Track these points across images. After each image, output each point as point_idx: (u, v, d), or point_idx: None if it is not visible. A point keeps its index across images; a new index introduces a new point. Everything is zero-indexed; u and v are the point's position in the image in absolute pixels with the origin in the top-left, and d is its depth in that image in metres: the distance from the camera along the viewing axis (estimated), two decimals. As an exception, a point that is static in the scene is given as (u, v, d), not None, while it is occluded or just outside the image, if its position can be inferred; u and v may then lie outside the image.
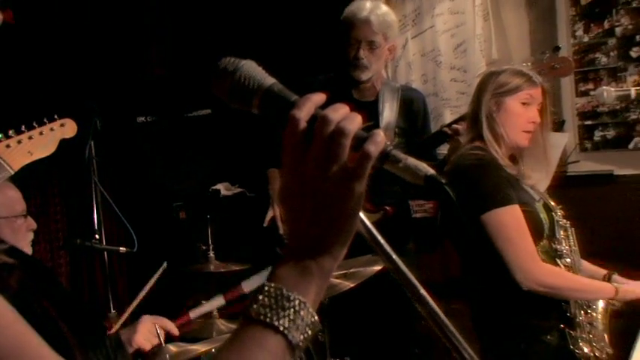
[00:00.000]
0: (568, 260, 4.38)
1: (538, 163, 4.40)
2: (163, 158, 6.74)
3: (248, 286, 4.47)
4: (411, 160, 1.48)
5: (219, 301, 4.52)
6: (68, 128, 3.85)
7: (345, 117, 1.45)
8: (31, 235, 3.80)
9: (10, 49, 4.53)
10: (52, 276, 4.26)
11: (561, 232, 4.40)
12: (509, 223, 4.13)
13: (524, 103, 4.27)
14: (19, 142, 3.59)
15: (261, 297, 1.44)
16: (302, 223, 1.50)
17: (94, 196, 5.09)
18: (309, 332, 1.45)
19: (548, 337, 4.22)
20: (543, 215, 4.33)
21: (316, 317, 1.46)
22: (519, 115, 4.27)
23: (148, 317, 3.93)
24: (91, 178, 5.24)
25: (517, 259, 4.08)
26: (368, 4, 5.47)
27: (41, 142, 3.68)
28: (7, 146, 3.53)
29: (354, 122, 1.45)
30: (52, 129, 3.74)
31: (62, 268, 6.24)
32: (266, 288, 1.45)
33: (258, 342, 1.41)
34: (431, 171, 1.47)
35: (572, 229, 4.48)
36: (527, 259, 4.10)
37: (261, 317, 1.41)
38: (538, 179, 4.42)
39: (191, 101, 6.49)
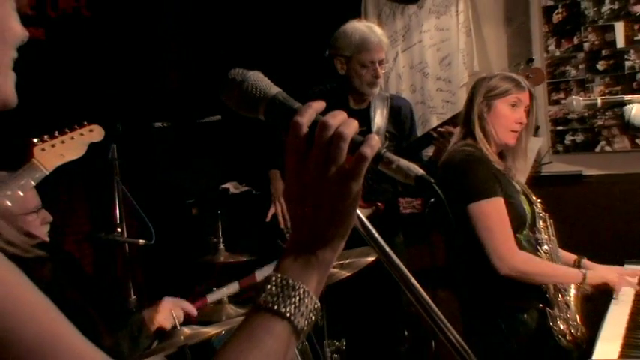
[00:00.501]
0: (547, 248, 4.53)
1: (519, 159, 4.50)
2: (177, 160, 6.76)
3: (261, 274, 4.52)
4: (403, 162, 1.49)
5: (234, 287, 4.57)
6: (96, 133, 3.89)
7: (343, 122, 1.47)
8: (46, 227, 3.86)
9: (44, 61, 4.52)
10: (79, 267, 4.30)
11: (541, 223, 4.54)
12: (491, 213, 4.22)
13: (512, 105, 4.36)
14: (53, 145, 3.65)
15: (268, 286, 1.45)
16: (304, 219, 1.51)
17: (115, 193, 5.10)
18: (312, 318, 1.46)
19: (525, 315, 4.30)
20: (526, 207, 4.46)
21: (318, 304, 1.48)
22: (507, 117, 4.37)
23: (169, 299, 3.98)
24: (113, 177, 5.27)
25: (495, 246, 4.17)
26: (366, 25, 5.54)
27: (72, 146, 3.73)
28: (42, 150, 3.59)
29: (351, 127, 1.46)
30: (82, 134, 3.79)
31: (88, 259, 6.26)
32: (273, 278, 1.46)
33: (266, 327, 1.42)
34: (421, 172, 1.48)
35: (551, 220, 4.56)
36: (505, 247, 4.19)
37: (269, 305, 1.42)
38: (519, 174, 4.51)
39: (203, 108, 6.49)
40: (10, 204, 3.42)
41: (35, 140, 3.65)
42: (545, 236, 4.54)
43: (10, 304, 1.21)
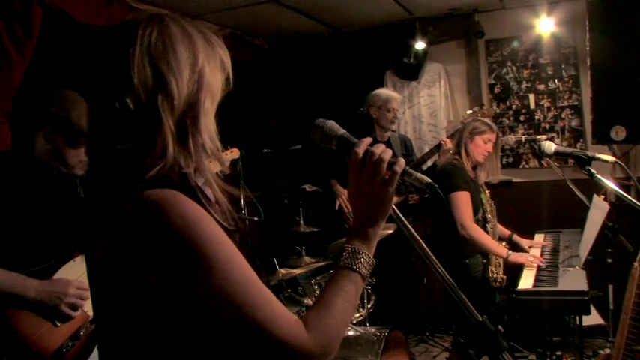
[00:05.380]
0: (492, 225, 4.67)
1: (487, 170, 4.68)
2: (276, 171, 6.81)
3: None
4: (419, 175, 1.56)
5: None
6: (235, 154, 3.98)
7: (383, 151, 1.52)
8: None
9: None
10: (246, 236, 4.44)
11: (488, 208, 4.63)
12: (462, 200, 4.38)
13: (485, 142, 4.49)
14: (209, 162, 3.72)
15: (345, 253, 1.50)
16: (361, 209, 1.55)
17: (241, 190, 5.18)
18: (371, 269, 1.51)
19: (467, 260, 4.44)
20: (483, 199, 4.61)
21: (374, 260, 1.53)
22: (481, 147, 4.53)
23: None
24: (239, 181, 5.34)
25: (460, 219, 4.35)
26: (386, 89, 5.93)
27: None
28: None
29: (388, 154, 1.52)
30: (226, 154, 3.85)
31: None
32: (347, 248, 1.50)
33: (346, 277, 1.46)
34: (430, 180, 1.55)
35: (495, 207, 4.65)
36: (466, 221, 4.34)
37: (347, 264, 1.48)
38: (484, 178, 4.71)
39: (290, 141, 6.56)
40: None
41: None
42: (490, 216, 4.64)
43: (226, 250, 1.30)
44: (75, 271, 2.68)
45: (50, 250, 2.65)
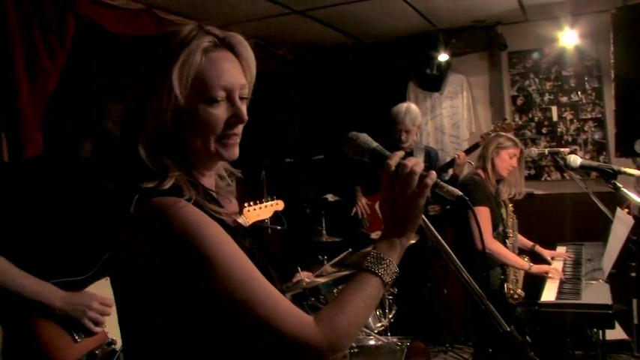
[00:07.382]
0: (512, 240, 4.68)
1: (511, 185, 4.69)
2: (298, 179, 6.82)
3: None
4: (450, 187, 1.57)
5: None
6: (280, 205, 4.08)
7: (414, 164, 1.54)
8: None
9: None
10: (263, 241, 4.44)
11: (510, 221, 4.62)
12: (481, 215, 4.37)
13: (510, 157, 4.53)
14: (254, 209, 3.84)
15: (369, 257, 1.51)
16: (392, 218, 1.56)
17: (264, 198, 5.19)
18: (394, 276, 1.52)
19: (485, 274, 4.38)
20: (504, 214, 4.61)
21: (397, 269, 1.53)
22: (506, 161, 4.58)
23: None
24: (263, 189, 5.37)
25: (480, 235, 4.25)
26: (405, 107, 5.70)
27: (264, 211, 3.93)
28: (248, 210, 3.82)
29: (420, 166, 1.53)
30: (271, 205, 3.99)
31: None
32: (372, 252, 1.52)
33: (367, 281, 1.47)
34: (460, 193, 1.57)
35: (517, 221, 4.64)
36: (486, 235, 4.35)
37: (369, 267, 1.49)
38: (508, 193, 4.74)
39: (312, 151, 6.58)
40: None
41: (245, 204, 3.84)
42: (511, 231, 4.67)
43: (227, 250, 1.34)
44: (104, 290, 2.71)
45: (87, 263, 2.68)
